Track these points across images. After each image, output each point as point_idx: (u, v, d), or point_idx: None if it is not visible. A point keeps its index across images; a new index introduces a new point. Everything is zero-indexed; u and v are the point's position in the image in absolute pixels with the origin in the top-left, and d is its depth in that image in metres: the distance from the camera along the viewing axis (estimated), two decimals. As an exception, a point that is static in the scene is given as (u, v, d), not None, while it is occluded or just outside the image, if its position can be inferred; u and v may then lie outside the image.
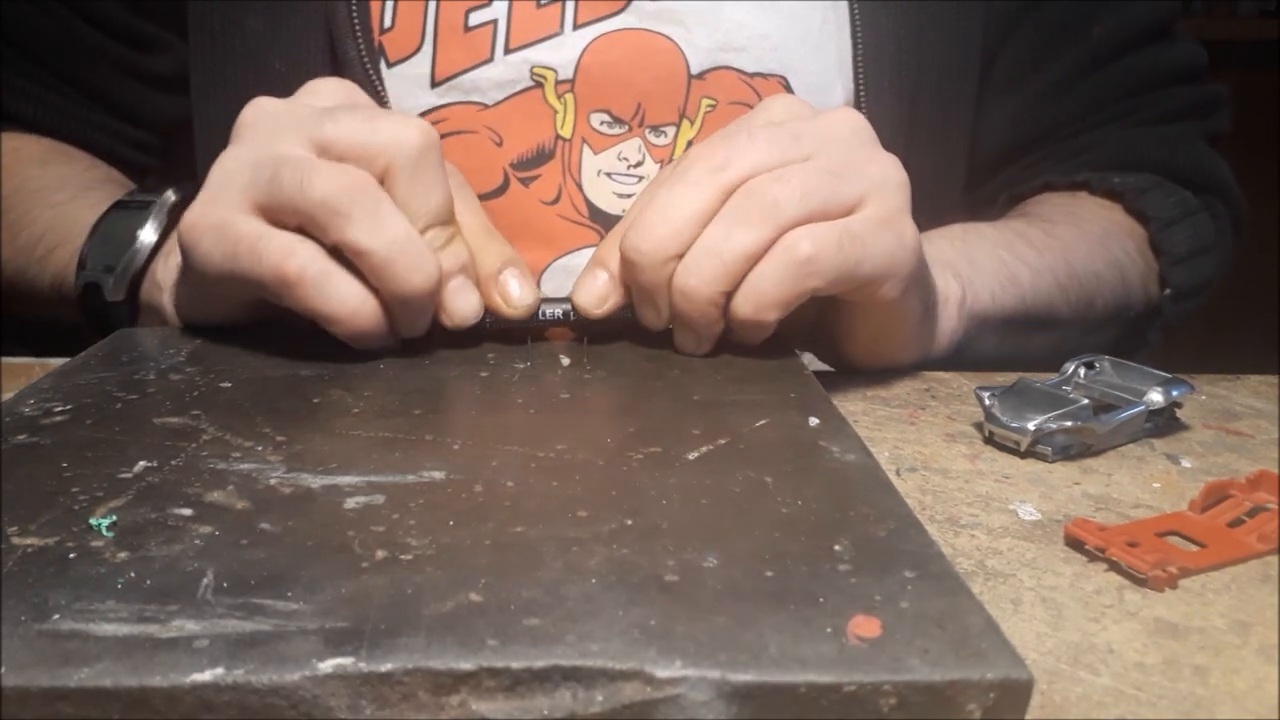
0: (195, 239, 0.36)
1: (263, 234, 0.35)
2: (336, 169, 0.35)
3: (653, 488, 0.28)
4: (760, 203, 0.35)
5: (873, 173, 0.37)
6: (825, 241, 0.35)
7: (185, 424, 0.31)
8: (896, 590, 0.23)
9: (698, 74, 0.50)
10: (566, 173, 0.50)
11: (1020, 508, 0.34)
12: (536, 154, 0.50)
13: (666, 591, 0.22)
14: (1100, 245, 0.53)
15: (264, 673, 0.19)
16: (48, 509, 0.26)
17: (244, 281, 0.36)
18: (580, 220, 0.50)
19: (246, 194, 0.36)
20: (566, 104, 0.49)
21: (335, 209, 0.34)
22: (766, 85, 0.51)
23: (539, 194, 0.50)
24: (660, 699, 0.20)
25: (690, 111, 0.50)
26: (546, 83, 0.49)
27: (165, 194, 0.47)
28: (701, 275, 0.36)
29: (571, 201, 0.50)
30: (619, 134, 0.50)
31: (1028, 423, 0.37)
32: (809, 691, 0.20)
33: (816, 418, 0.33)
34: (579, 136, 0.50)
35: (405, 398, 0.34)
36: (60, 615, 0.21)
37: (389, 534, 0.25)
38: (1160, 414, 0.40)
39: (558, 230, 0.50)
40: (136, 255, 0.45)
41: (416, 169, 0.36)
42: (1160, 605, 0.28)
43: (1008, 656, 0.20)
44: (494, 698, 0.20)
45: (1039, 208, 0.57)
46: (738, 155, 0.36)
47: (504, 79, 0.49)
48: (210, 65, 0.53)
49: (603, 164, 0.50)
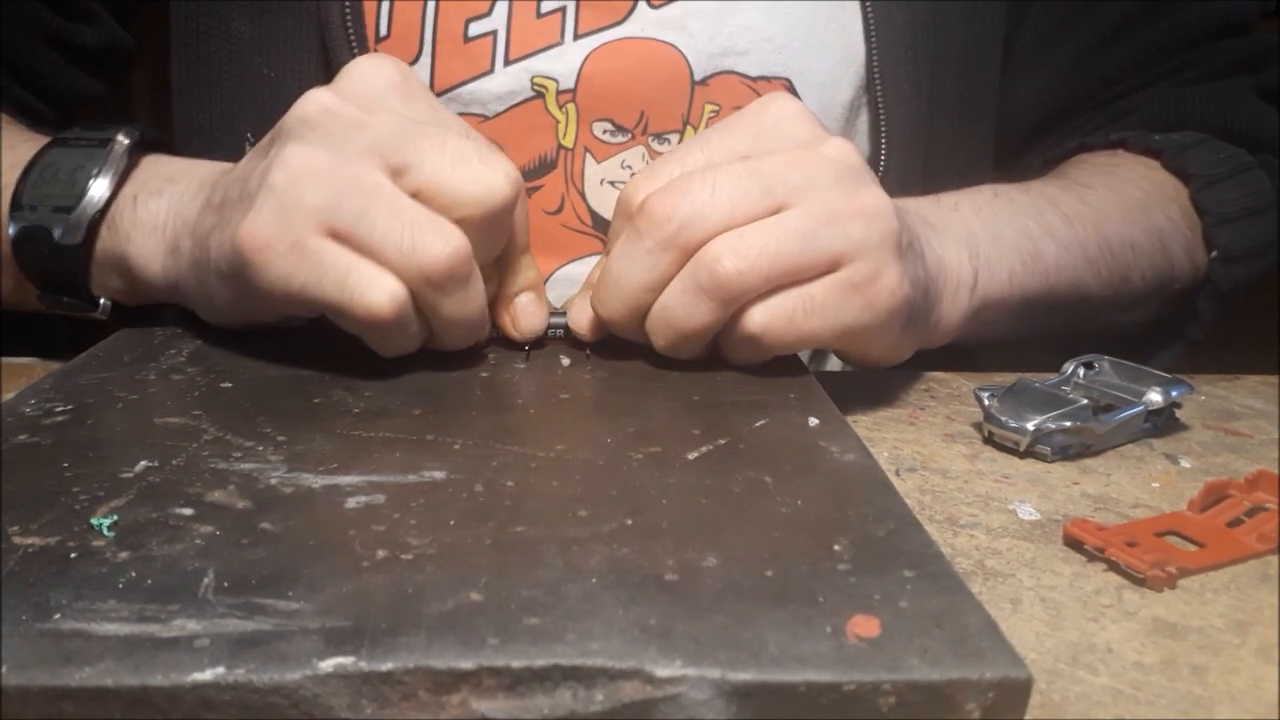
0: (268, 260, 0.34)
1: (352, 266, 0.34)
2: (439, 233, 0.34)
3: (653, 488, 0.28)
4: (717, 280, 0.34)
5: (852, 231, 0.35)
6: (777, 317, 0.35)
7: (186, 424, 0.31)
8: (896, 590, 0.23)
9: (700, 80, 0.49)
10: (569, 182, 0.50)
11: (1019, 508, 0.34)
12: (539, 164, 0.49)
13: (666, 591, 0.22)
14: (1140, 212, 0.50)
15: (265, 672, 0.19)
16: (49, 509, 0.26)
17: (320, 307, 0.35)
18: (584, 229, 0.50)
19: (322, 217, 0.33)
20: (568, 114, 0.49)
21: (437, 284, 0.34)
22: (770, 89, 0.50)
23: (542, 204, 0.50)
24: (660, 698, 0.20)
25: (694, 118, 0.49)
26: (548, 93, 0.49)
27: (115, 133, 0.43)
28: (663, 339, 0.37)
29: (574, 210, 0.50)
30: (622, 142, 0.50)
31: (1027, 423, 0.37)
32: (808, 691, 0.20)
33: (816, 418, 0.33)
34: (581, 146, 0.49)
35: (406, 398, 0.34)
36: (61, 615, 0.21)
37: (390, 533, 0.25)
38: (1159, 414, 0.40)
39: (561, 239, 0.50)
40: (93, 196, 0.41)
41: (496, 223, 0.36)
42: (1159, 605, 0.28)
43: (1007, 656, 0.20)
44: (494, 697, 0.20)
45: (1076, 169, 0.54)
46: (698, 216, 0.34)
47: (505, 90, 0.48)
48: (194, 68, 0.52)
49: (606, 172, 0.50)
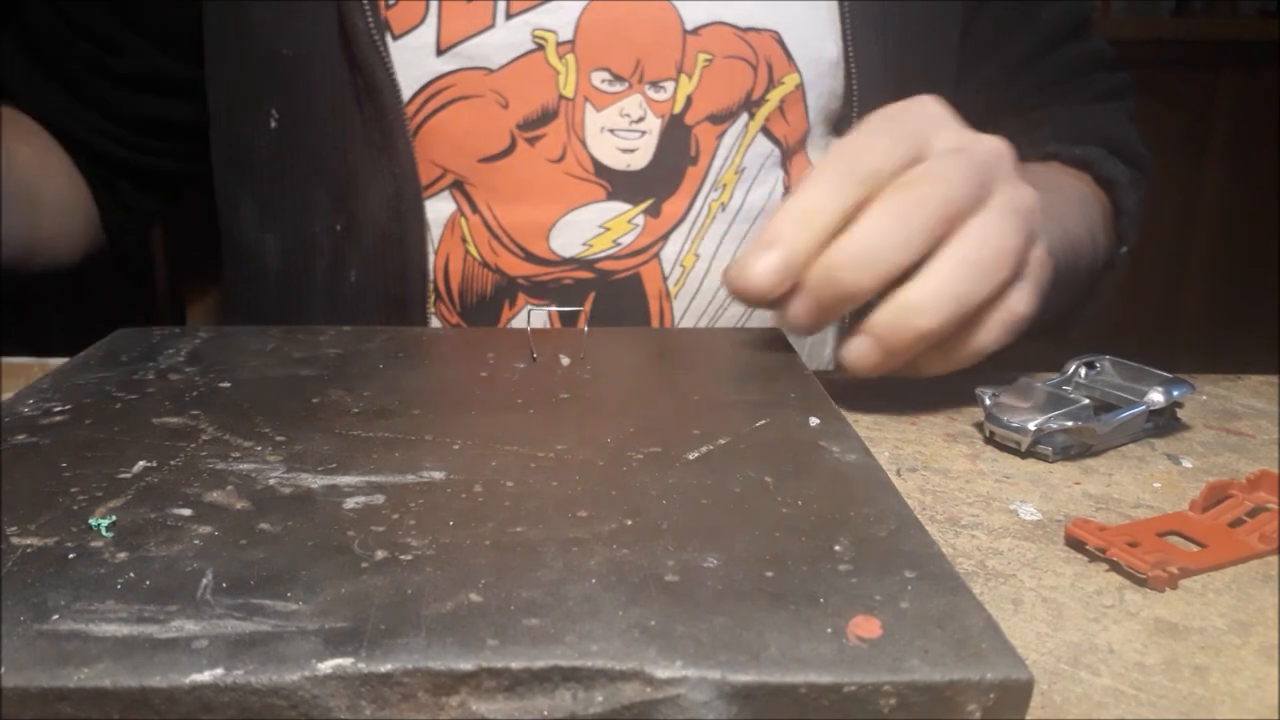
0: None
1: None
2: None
3: (653, 488, 0.28)
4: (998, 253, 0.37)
5: (1037, 219, 0.40)
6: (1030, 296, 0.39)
7: (184, 424, 0.31)
8: (897, 590, 0.23)
9: (692, 30, 0.51)
10: (571, 131, 0.51)
11: (1021, 508, 0.34)
12: (541, 114, 0.51)
13: (666, 591, 0.22)
14: (1080, 212, 0.56)
15: (263, 673, 0.19)
16: (47, 509, 0.26)
17: None
18: (586, 176, 0.52)
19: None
20: (568, 64, 0.51)
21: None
22: (760, 39, 0.52)
23: (545, 153, 0.51)
24: (660, 699, 0.20)
25: (688, 67, 0.51)
26: (548, 45, 0.50)
27: None
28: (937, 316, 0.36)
29: (576, 158, 0.52)
30: (620, 91, 0.51)
31: (1028, 423, 0.37)
32: (809, 692, 0.20)
33: (816, 418, 0.33)
34: (581, 95, 0.51)
35: (405, 398, 0.34)
36: (60, 615, 0.21)
37: (389, 534, 0.25)
38: (1161, 414, 0.40)
39: (564, 187, 0.52)
40: None
41: None
42: (1161, 605, 0.28)
43: (1008, 657, 0.20)
44: (494, 698, 0.20)
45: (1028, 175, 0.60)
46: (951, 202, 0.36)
47: (506, 43, 0.50)
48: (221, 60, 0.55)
49: (605, 121, 0.51)
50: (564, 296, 0.52)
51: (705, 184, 0.53)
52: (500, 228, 0.52)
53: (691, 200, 0.52)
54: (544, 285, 0.52)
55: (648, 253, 0.52)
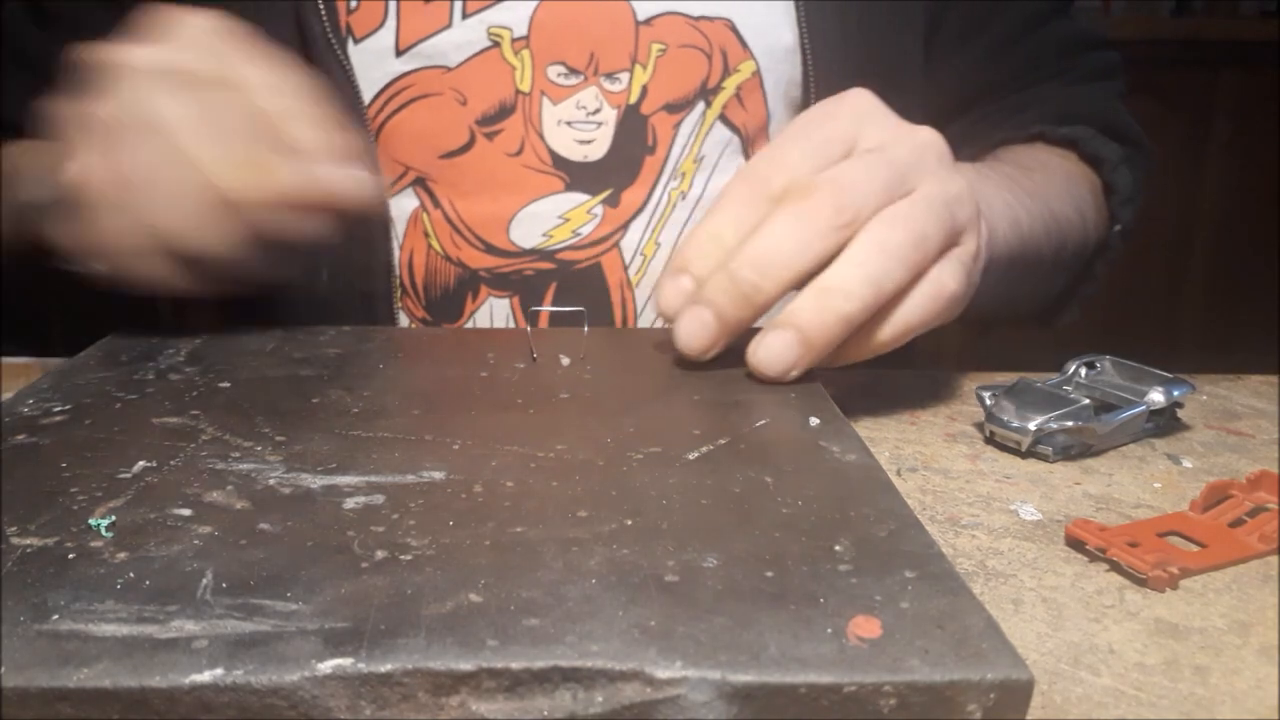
0: None
1: None
2: None
3: (653, 488, 0.28)
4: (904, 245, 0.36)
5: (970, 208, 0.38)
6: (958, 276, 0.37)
7: (184, 424, 0.31)
8: (897, 590, 0.22)
9: (644, 20, 0.52)
10: (528, 124, 0.52)
11: (1021, 508, 0.34)
12: (499, 109, 0.52)
13: (666, 591, 0.22)
14: (1067, 192, 0.56)
15: (263, 673, 0.19)
16: (47, 509, 0.26)
17: None
18: (544, 169, 0.53)
19: None
20: (524, 60, 0.52)
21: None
22: (713, 28, 0.53)
23: (503, 147, 0.52)
24: (660, 699, 0.20)
25: (641, 57, 0.52)
26: (503, 41, 0.52)
27: None
28: (857, 301, 0.36)
29: (535, 151, 0.52)
30: (576, 84, 0.52)
31: (1028, 423, 0.37)
32: (809, 692, 0.20)
33: (816, 418, 0.33)
34: (538, 89, 0.52)
35: (405, 397, 0.34)
36: (60, 615, 0.21)
37: (389, 534, 0.25)
38: (1161, 414, 0.40)
39: (523, 179, 0.53)
40: None
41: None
42: (1161, 605, 0.28)
43: (1008, 657, 0.20)
44: (494, 698, 0.20)
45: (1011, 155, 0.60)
46: (864, 200, 0.36)
47: (463, 41, 0.51)
48: None
49: (562, 114, 0.52)
50: (526, 288, 0.52)
51: (664, 173, 0.53)
52: (461, 221, 0.52)
53: (650, 189, 0.53)
54: (506, 277, 0.52)
55: (607, 242, 0.53)
